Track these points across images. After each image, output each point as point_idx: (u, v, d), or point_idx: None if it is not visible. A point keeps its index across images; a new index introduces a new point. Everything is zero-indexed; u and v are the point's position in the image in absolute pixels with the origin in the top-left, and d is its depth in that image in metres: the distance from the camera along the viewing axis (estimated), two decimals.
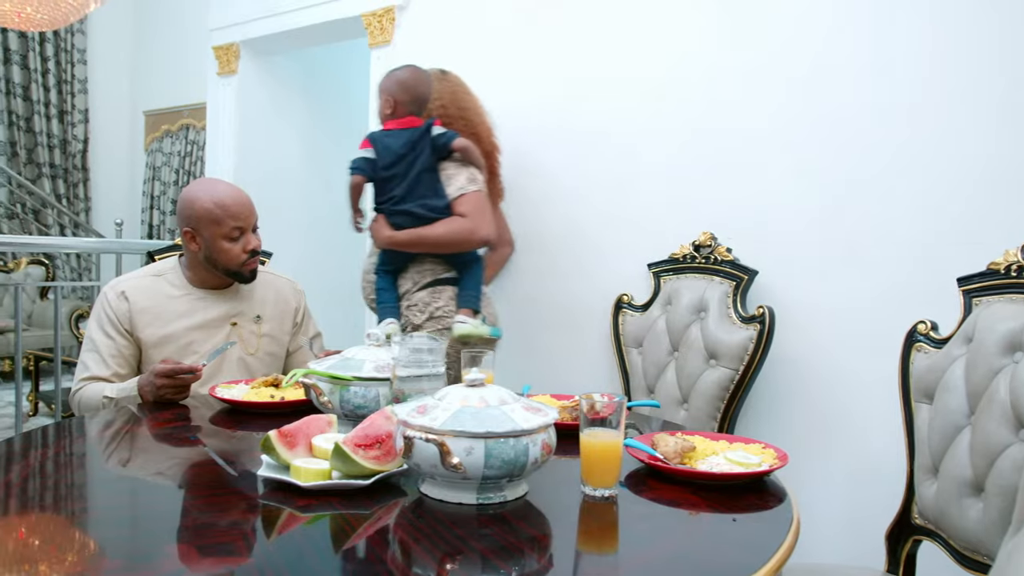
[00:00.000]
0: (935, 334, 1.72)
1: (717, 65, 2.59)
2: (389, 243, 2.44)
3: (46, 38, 6.77)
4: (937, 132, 2.18)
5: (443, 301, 2.45)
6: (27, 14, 3.58)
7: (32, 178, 6.79)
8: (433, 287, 2.46)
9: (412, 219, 2.39)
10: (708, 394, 2.31)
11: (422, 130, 2.42)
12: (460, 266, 2.49)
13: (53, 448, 1.48)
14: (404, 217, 2.39)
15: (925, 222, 2.19)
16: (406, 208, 2.39)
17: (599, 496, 1.21)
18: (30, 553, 0.97)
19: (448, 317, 2.43)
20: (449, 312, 2.44)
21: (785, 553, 1.02)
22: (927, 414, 1.68)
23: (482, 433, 1.09)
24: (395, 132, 2.44)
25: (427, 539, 1.03)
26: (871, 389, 2.25)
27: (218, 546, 0.99)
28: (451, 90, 2.67)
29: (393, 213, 2.42)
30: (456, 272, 2.49)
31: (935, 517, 1.62)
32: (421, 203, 2.39)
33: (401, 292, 2.50)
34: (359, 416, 1.44)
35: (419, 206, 2.38)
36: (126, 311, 2.01)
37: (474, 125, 2.67)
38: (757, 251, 2.45)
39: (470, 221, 2.39)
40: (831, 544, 2.29)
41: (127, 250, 4.00)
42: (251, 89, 4.48)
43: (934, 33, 2.19)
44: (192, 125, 6.46)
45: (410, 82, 2.46)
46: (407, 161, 2.40)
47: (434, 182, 2.42)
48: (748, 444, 1.45)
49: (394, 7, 3.50)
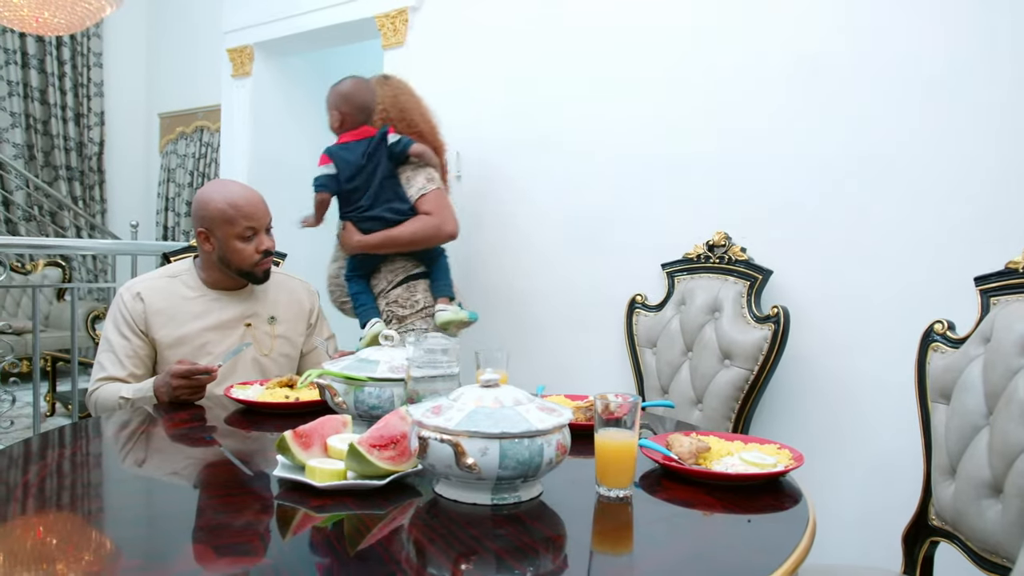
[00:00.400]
0: (952, 334, 1.71)
1: (731, 65, 2.58)
2: (361, 247, 2.61)
3: (63, 42, 6.83)
4: (954, 130, 2.16)
5: (420, 294, 2.68)
6: (45, 19, 3.61)
7: (49, 181, 6.85)
8: (407, 283, 2.68)
9: (381, 223, 2.58)
10: (722, 394, 2.30)
11: (377, 139, 2.59)
12: (428, 261, 2.73)
13: (70, 448, 1.50)
14: (373, 222, 2.58)
15: (941, 221, 2.18)
16: (374, 214, 2.58)
17: (614, 497, 1.20)
18: (48, 552, 0.98)
19: (429, 307, 2.67)
20: (428, 303, 2.68)
21: (801, 554, 1.02)
22: (944, 414, 1.66)
23: (497, 434, 1.09)
24: (351, 145, 2.60)
25: (442, 539, 1.03)
26: (887, 389, 2.23)
27: (234, 546, 1.00)
28: (392, 95, 2.78)
29: (362, 220, 2.59)
30: (425, 267, 2.72)
31: (953, 518, 1.61)
32: (387, 208, 2.58)
33: (376, 292, 2.69)
34: (374, 416, 1.44)
35: (386, 211, 2.58)
36: (141, 312, 2.02)
37: (416, 125, 2.77)
38: (772, 251, 2.44)
39: (435, 218, 2.61)
40: (847, 545, 2.27)
41: (142, 252, 4.03)
42: (265, 91, 4.50)
43: (948, 29, 2.17)
44: (206, 127, 6.49)
45: (353, 93, 2.60)
46: (367, 171, 2.58)
47: (396, 187, 2.62)
48: (763, 445, 1.44)
49: (407, 8, 3.51)
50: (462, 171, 3.36)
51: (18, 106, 6.61)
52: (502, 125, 3.23)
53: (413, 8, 3.52)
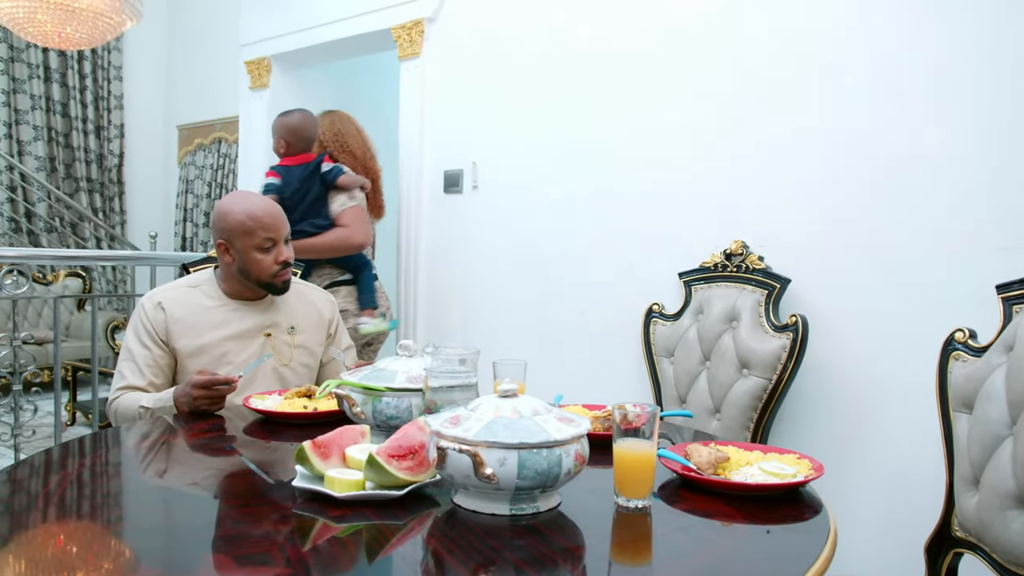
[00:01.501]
0: (973, 342, 1.69)
1: (747, 74, 2.58)
2: None
3: (84, 56, 6.92)
4: (975, 136, 2.14)
5: (341, 298, 3.04)
6: (67, 34, 3.66)
7: (70, 192, 6.93)
8: (332, 287, 3.05)
9: (302, 235, 2.96)
10: (741, 404, 2.29)
11: (312, 167, 3.03)
12: (353, 270, 3.13)
13: (90, 458, 1.51)
14: (298, 235, 2.90)
15: (962, 228, 2.16)
16: (299, 228, 2.94)
17: (632, 507, 1.20)
18: (68, 560, 0.99)
19: (350, 309, 3.07)
20: (349, 306, 3.07)
21: (823, 565, 1.01)
22: (966, 424, 1.64)
23: (515, 444, 1.09)
24: (292, 168, 3.04)
25: (460, 550, 1.03)
26: (907, 398, 2.21)
27: (253, 556, 1.00)
28: (332, 125, 3.29)
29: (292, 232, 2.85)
30: (351, 275, 3.13)
31: (976, 530, 1.59)
32: (310, 223, 3.01)
33: None
34: (392, 427, 1.45)
35: (308, 224, 3.00)
36: (162, 321, 2.04)
37: (352, 149, 3.27)
38: (789, 259, 2.43)
39: (348, 230, 3.03)
40: (868, 556, 2.25)
41: (161, 262, 4.06)
42: (282, 102, 4.52)
43: (965, 37, 2.16)
44: (224, 138, 6.55)
45: (299, 127, 3.06)
46: (301, 192, 3.02)
47: (322, 206, 3.06)
48: (783, 455, 1.43)
49: (423, 20, 3.53)
50: (478, 181, 3.37)
51: (40, 119, 6.70)
52: (518, 135, 3.23)
53: (429, 20, 3.54)
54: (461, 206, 3.46)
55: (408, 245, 3.66)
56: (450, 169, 3.49)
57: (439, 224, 3.56)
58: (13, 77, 6.56)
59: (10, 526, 1.10)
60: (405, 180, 3.68)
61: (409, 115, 3.67)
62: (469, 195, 3.42)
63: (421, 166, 3.62)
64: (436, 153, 3.57)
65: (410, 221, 3.66)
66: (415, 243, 3.64)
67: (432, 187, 3.58)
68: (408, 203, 3.67)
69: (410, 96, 3.66)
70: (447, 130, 3.53)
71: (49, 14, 3.53)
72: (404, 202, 3.69)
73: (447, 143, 3.52)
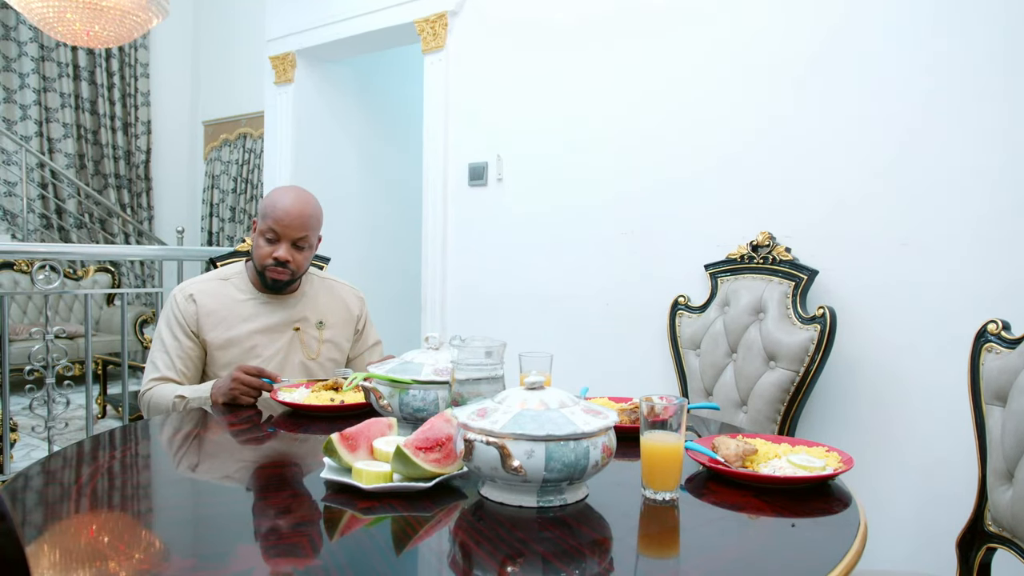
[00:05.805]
0: (1007, 334, 1.66)
1: (774, 65, 2.55)
2: None
3: (111, 54, 7.01)
4: (1006, 122, 2.10)
5: None
6: (95, 32, 3.70)
7: (99, 189, 7.03)
8: None
9: None
10: (768, 396, 2.27)
11: None
12: None
13: (120, 450, 1.53)
14: None
15: (993, 218, 2.12)
16: None
17: (660, 499, 1.19)
18: (101, 550, 1.00)
19: None
20: None
21: (852, 559, 1.00)
22: (1000, 417, 1.62)
23: (543, 436, 1.09)
24: None
25: (488, 542, 1.03)
26: (938, 390, 2.18)
27: (284, 546, 1.01)
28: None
29: None
30: None
31: (1011, 524, 1.56)
32: None
33: None
34: (419, 419, 1.45)
35: None
36: (193, 313, 2.06)
37: None
38: (817, 250, 2.40)
39: None
40: (898, 550, 2.23)
41: (188, 257, 4.11)
42: (307, 97, 4.56)
43: (998, 27, 2.12)
44: (249, 134, 6.60)
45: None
46: None
47: None
48: (811, 447, 1.42)
49: (446, 13, 3.53)
50: (503, 174, 3.37)
51: (70, 117, 6.80)
52: (542, 128, 3.23)
53: (452, 12, 3.54)
54: (486, 199, 3.46)
55: (433, 238, 3.67)
56: (475, 162, 3.49)
57: (464, 217, 3.56)
58: (44, 76, 6.66)
59: (44, 516, 1.12)
60: (430, 173, 3.69)
61: (433, 108, 3.67)
62: (494, 188, 3.42)
63: (446, 159, 3.62)
64: (460, 146, 3.57)
65: (435, 214, 3.66)
66: (440, 236, 3.64)
67: (457, 180, 3.58)
68: (433, 196, 3.67)
69: (434, 89, 3.66)
70: (471, 123, 3.53)
71: (78, 13, 3.57)
72: (429, 195, 3.70)
73: (471, 136, 3.52)
